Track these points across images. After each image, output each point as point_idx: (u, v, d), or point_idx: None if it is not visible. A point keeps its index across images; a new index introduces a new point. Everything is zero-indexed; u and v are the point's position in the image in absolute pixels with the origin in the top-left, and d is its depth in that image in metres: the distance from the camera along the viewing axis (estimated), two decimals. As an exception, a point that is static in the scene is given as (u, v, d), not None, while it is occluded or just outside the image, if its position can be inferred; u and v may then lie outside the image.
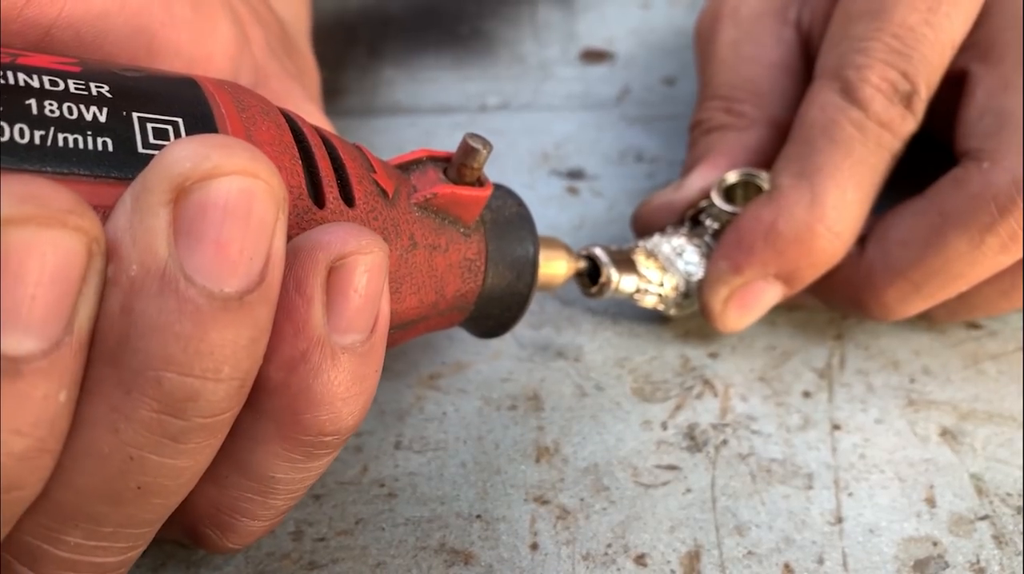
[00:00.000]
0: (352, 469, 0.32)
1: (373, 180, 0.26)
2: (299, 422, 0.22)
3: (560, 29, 0.54)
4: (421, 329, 0.29)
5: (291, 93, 0.32)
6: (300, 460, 0.23)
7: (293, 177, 0.23)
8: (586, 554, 0.30)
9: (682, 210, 0.36)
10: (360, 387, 0.23)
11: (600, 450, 0.33)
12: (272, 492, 0.24)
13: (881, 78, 0.32)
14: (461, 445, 0.33)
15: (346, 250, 0.21)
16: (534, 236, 0.31)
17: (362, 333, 0.22)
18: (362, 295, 0.22)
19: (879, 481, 0.32)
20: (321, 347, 0.22)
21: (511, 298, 0.31)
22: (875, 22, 0.32)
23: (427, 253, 0.28)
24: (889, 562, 0.30)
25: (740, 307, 0.34)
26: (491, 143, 0.28)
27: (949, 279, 0.32)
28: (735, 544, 0.30)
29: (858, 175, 0.32)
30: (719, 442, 0.33)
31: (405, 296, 0.27)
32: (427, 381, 0.35)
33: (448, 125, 0.47)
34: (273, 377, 0.22)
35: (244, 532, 0.25)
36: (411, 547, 0.30)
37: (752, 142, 0.36)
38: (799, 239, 0.32)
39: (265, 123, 0.24)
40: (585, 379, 0.35)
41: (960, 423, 0.34)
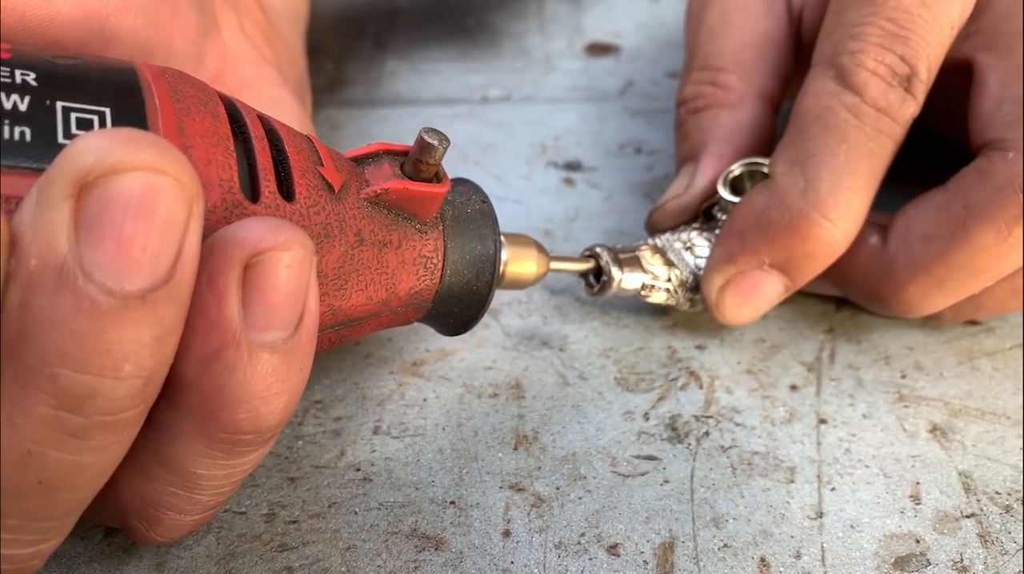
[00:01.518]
0: (329, 453, 0.32)
1: (318, 173, 0.26)
2: (216, 419, 0.22)
3: (567, 22, 0.53)
4: (373, 326, 0.29)
5: (264, 79, 0.32)
6: (221, 457, 0.23)
7: (224, 170, 0.23)
8: (558, 542, 0.29)
9: (696, 208, 0.36)
10: (282, 386, 0.22)
11: (579, 439, 0.32)
12: (196, 487, 0.24)
13: (877, 62, 0.31)
14: (440, 431, 0.33)
15: (262, 246, 0.21)
16: (495, 234, 0.30)
17: (284, 331, 0.22)
18: (282, 292, 0.21)
19: (863, 476, 0.31)
20: (236, 344, 0.21)
21: (470, 297, 0.30)
22: (869, 6, 0.31)
23: (377, 250, 0.27)
24: (869, 558, 0.29)
25: (737, 297, 0.33)
26: (448, 138, 0.27)
27: (974, 274, 0.31)
28: (711, 536, 0.29)
29: (855, 161, 0.31)
30: (701, 434, 0.32)
31: (351, 293, 0.26)
32: (410, 368, 0.35)
33: (448, 116, 0.47)
34: (188, 373, 0.21)
35: (171, 526, 0.25)
36: (382, 532, 0.30)
37: (747, 120, 0.35)
38: (792, 227, 0.31)
39: (200, 114, 0.23)
40: (569, 369, 0.35)
41: (951, 420, 0.33)
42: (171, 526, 0.25)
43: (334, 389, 0.34)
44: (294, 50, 0.37)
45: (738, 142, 0.35)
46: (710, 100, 0.36)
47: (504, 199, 0.42)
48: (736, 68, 0.36)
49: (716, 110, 0.36)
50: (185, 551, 0.29)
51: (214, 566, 0.29)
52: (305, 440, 0.32)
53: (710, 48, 0.37)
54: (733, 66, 0.36)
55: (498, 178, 0.43)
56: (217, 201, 0.23)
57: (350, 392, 0.34)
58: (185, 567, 0.29)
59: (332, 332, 0.27)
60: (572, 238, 0.40)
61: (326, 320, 0.26)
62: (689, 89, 0.37)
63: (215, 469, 0.23)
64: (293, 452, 0.32)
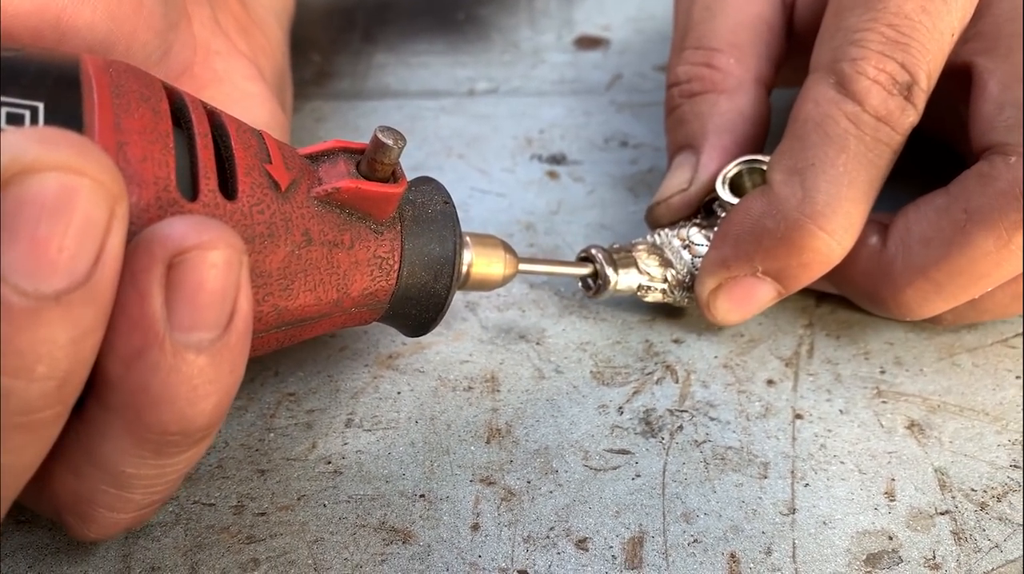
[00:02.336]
0: (300, 445, 0.32)
1: (265, 171, 0.25)
2: (141, 420, 0.21)
3: (557, 16, 0.53)
4: (325, 326, 0.28)
5: (236, 73, 0.32)
6: (150, 457, 0.23)
7: (160, 168, 0.22)
8: (527, 536, 0.29)
9: (699, 203, 0.35)
10: (212, 386, 0.22)
11: (552, 433, 0.32)
12: (127, 486, 0.24)
13: (878, 69, 0.30)
14: (413, 425, 0.32)
15: (186, 244, 0.20)
16: (456, 236, 0.29)
17: (211, 332, 0.21)
18: (208, 292, 0.21)
19: (838, 472, 0.31)
20: (160, 344, 0.21)
21: (428, 299, 0.29)
22: (870, 12, 0.31)
23: (326, 250, 0.26)
24: (840, 555, 0.29)
25: (729, 301, 0.33)
26: (404, 138, 0.27)
27: (973, 279, 0.30)
28: (681, 531, 0.29)
29: (854, 171, 0.30)
30: (675, 428, 0.32)
31: (298, 293, 0.26)
32: (385, 361, 0.35)
33: (435, 109, 0.47)
34: (113, 372, 0.21)
35: (105, 523, 0.25)
36: (351, 524, 0.29)
37: (746, 108, 0.35)
38: (788, 238, 0.31)
39: (140, 110, 0.23)
40: (545, 362, 0.34)
41: (929, 416, 0.32)
42: (105, 524, 0.25)
43: (308, 381, 0.34)
44: (274, 43, 0.37)
45: (739, 132, 0.35)
46: (707, 84, 0.35)
47: (487, 192, 0.42)
48: (732, 50, 0.35)
49: (714, 96, 0.35)
50: (152, 542, 0.29)
51: (181, 557, 0.29)
52: (277, 432, 0.32)
53: (705, 27, 0.36)
54: (729, 48, 0.35)
55: (482, 171, 0.43)
56: (151, 199, 0.22)
57: (324, 385, 0.34)
58: (152, 558, 0.29)
59: (279, 332, 0.27)
60: (554, 231, 0.40)
61: (271, 320, 0.26)
62: (683, 69, 0.36)
63: (145, 469, 0.23)
64: (264, 444, 0.32)
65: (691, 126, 0.35)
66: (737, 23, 0.36)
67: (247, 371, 0.33)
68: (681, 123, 0.36)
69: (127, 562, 0.28)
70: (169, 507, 0.30)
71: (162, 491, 0.25)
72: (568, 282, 0.37)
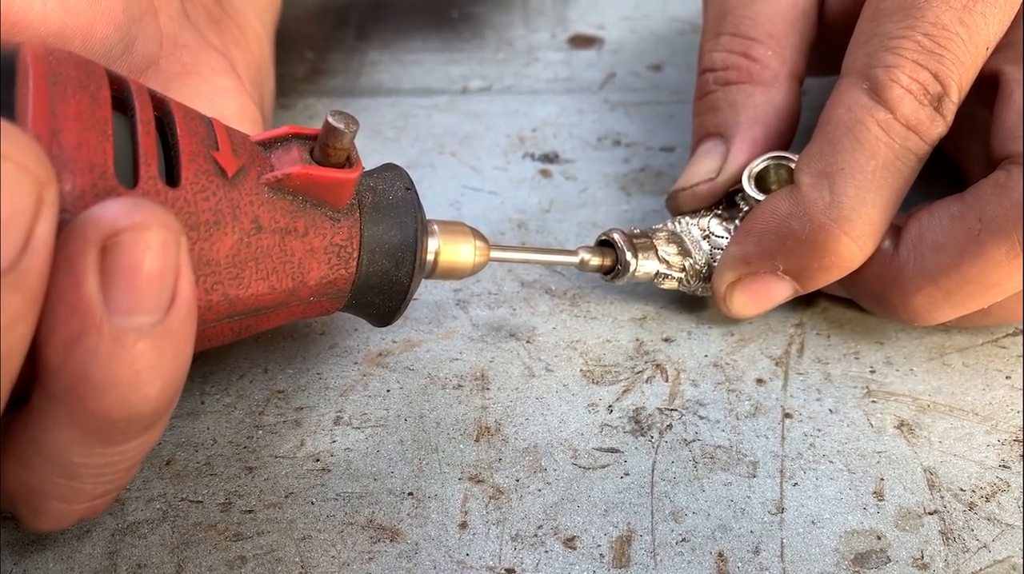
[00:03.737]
0: (288, 443, 0.32)
1: (211, 158, 0.25)
2: (84, 406, 0.21)
3: (552, 15, 0.53)
4: (283, 316, 0.28)
5: (204, 66, 0.31)
6: (97, 445, 0.22)
7: (97, 155, 0.22)
8: (515, 535, 0.29)
9: (723, 193, 0.35)
10: (155, 371, 0.21)
11: (542, 431, 0.32)
12: (76, 476, 0.23)
13: (911, 78, 0.30)
14: (402, 422, 0.32)
15: (118, 226, 0.20)
16: (417, 222, 0.29)
17: (150, 315, 0.21)
18: (144, 274, 0.21)
19: (827, 472, 0.31)
20: (98, 329, 0.20)
21: (390, 287, 0.29)
22: (907, 19, 0.30)
23: (278, 237, 0.26)
24: (828, 554, 0.29)
25: (746, 295, 0.33)
26: (357, 122, 0.26)
27: (983, 289, 0.30)
28: (669, 530, 0.29)
29: (881, 178, 0.30)
30: (664, 427, 0.32)
31: (250, 282, 0.26)
32: (375, 358, 0.34)
33: (428, 107, 0.46)
34: (52, 359, 0.21)
35: (58, 514, 0.25)
36: (338, 522, 0.29)
37: (780, 102, 0.35)
38: (813, 240, 0.31)
39: (77, 96, 0.22)
40: (535, 360, 0.34)
41: (919, 415, 0.32)
42: (57, 515, 0.25)
43: (297, 379, 0.34)
44: (250, 36, 0.37)
45: (770, 125, 0.35)
46: (743, 74, 0.35)
47: (479, 190, 0.42)
48: (770, 41, 0.35)
49: (750, 87, 0.35)
50: (139, 540, 0.29)
51: (168, 554, 0.28)
52: (265, 430, 0.32)
53: (742, 13, 0.35)
54: (767, 38, 0.35)
55: (474, 169, 0.43)
56: (87, 186, 0.22)
57: (313, 382, 0.34)
58: (139, 555, 0.28)
59: (234, 322, 0.26)
60: (545, 229, 0.40)
61: (222, 310, 0.26)
62: (719, 56, 0.36)
63: (93, 458, 0.23)
64: (253, 442, 0.32)
65: (724, 114, 0.35)
66: (775, 12, 0.35)
67: (236, 367, 0.34)
68: (713, 110, 0.36)
69: (113, 559, 0.28)
70: (156, 504, 0.30)
71: (115, 480, 0.24)
72: (560, 280, 0.37)
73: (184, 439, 0.32)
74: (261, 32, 0.38)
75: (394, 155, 0.43)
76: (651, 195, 0.41)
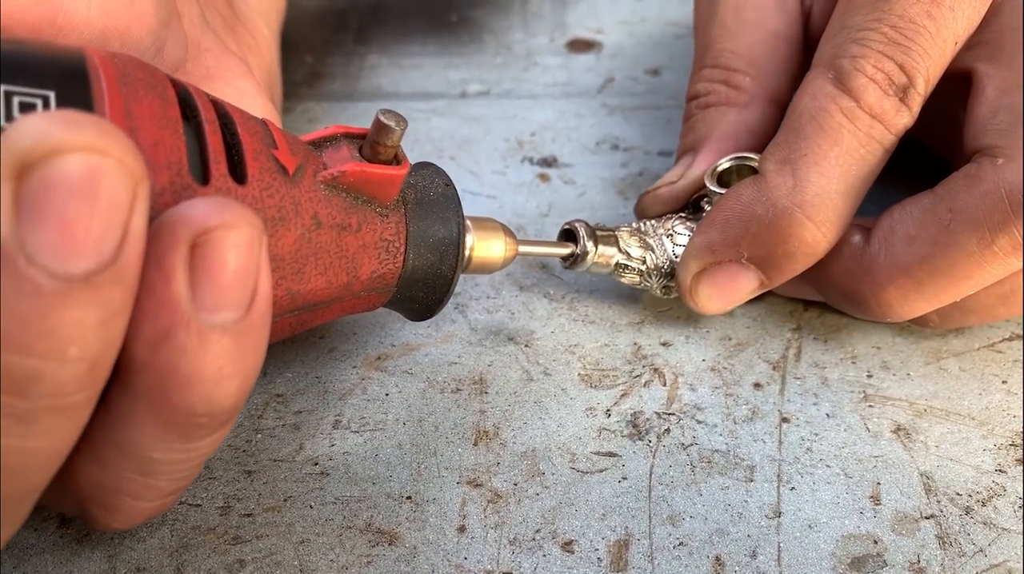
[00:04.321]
0: (288, 446, 0.32)
1: (272, 157, 0.25)
2: (169, 402, 0.22)
3: (550, 19, 0.53)
4: (336, 311, 0.28)
5: (227, 70, 0.32)
6: (177, 441, 0.23)
7: (173, 153, 0.23)
8: (513, 538, 0.29)
9: (686, 198, 0.36)
10: (236, 367, 0.22)
11: (540, 435, 0.32)
12: (153, 473, 0.24)
13: (876, 68, 0.30)
14: (400, 426, 0.32)
15: (209, 224, 0.21)
16: (459, 217, 0.30)
17: (235, 311, 0.21)
18: (231, 271, 0.21)
19: (824, 476, 0.31)
20: (187, 325, 0.21)
21: (435, 280, 0.30)
22: (874, 12, 0.31)
23: (335, 233, 0.27)
24: (825, 558, 0.29)
25: (711, 286, 0.33)
26: (405, 120, 0.27)
27: (955, 280, 0.30)
28: (667, 534, 0.29)
29: (845, 165, 0.31)
30: (662, 431, 0.32)
31: (310, 277, 0.26)
32: (374, 362, 0.35)
33: (426, 111, 0.47)
34: (139, 355, 0.21)
35: (129, 512, 0.25)
36: (337, 526, 0.30)
37: (754, 122, 0.35)
38: (776, 224, 0.31)
39: (149, 97, 0.23)
40: (533, 364, 0.35)
41: (915, 420, 0.32)
42: (130, 513, 0.25)
43: (296, 382, 0.34)
44: (261, 42, 0.37)
45: (741, 140, 0.35)
46: (722, 98, 0.36)
47: (478, 194, 0.42)
48: (750, 69, 0.36)
49: (726, 108, 0.36)
50: (138, 543, 0.29)
51: (167, 558, 0.29)
52: (264, 433, 0.32)
53: (723, 45, 0.36)
54: (747, 67, 0.36)
55: (473, 173, 0.43)
56: (166, 183, 0.22)
57: (312, 386, 0.34)
58: (138, 558, 0.29)
59: (292, 317, 0.27)
60: (544, 233, 0.40)
61: (284, 305, 0.26)
62: (702, 86, 0.37)
63: (171, 453, 0.23)
64: (252, 445, 0.32)
65: (698, 131, 0.36)
66: (754, 41, 0.36)
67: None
68: (691, 130, 0.37)
69: (112, 563, 0.28)
70: (155, 508, 0.30)
71: (186, 477, 0.25)
72: (558, 284, 0.37)
73: (183, 443, 0.32)
74: (269, 37, 0.38)
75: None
76: (649, 199, 0.41)
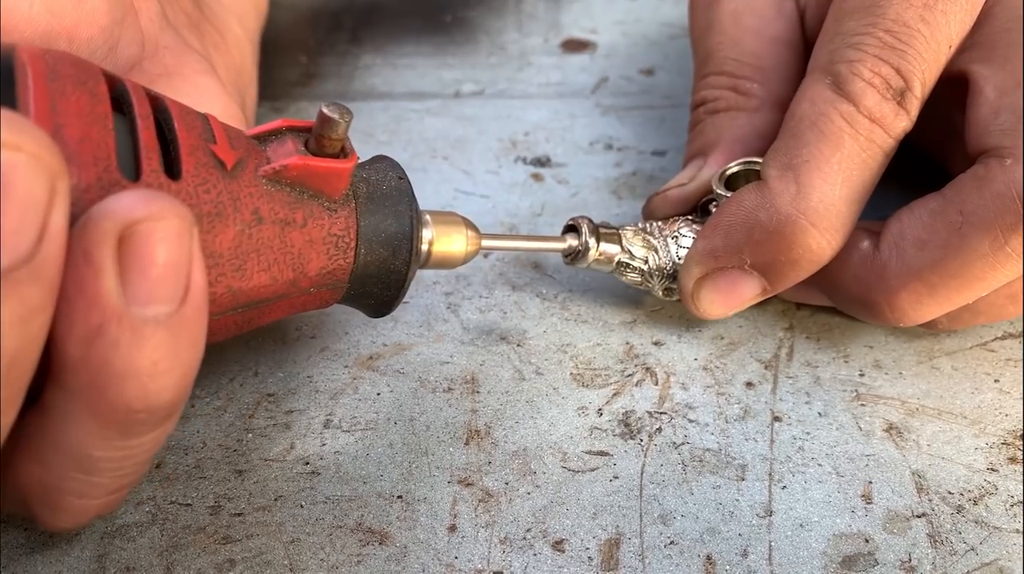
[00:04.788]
0: (278, 446, 0.32)
1: (210, 151, 0.25)
2: (105, 399, 0.21)
3: (544, 19, 0.53)
4: (285, 308, 0.28)
5: (186, 67, 0.32)
6: (116, 438, 0.23)
7: (100, 149, 0.22)
8: (504, 538, 0.29)
9: (695, 201, 0.36)
10: (172, 361, 0.22)
11: (531, 434, 0.32)
12: (96, 471, 0.23)
13: (873, 72, 0.30)
14: (391, 426, 0.32)
15: (134, 217, 0.20)
16: (413, 211, 0.29)
17: (168, 304, 0.21)
18: (160, 264, 0.21)
19: (815, 475, 0.31)
20: (118, 320, 0.21)
21: (388, 276, 0.29)
22: (868, 17, 0.31)
23: (279, 228, 0.26)
24: (816, 557, 0.29)
25: (713, 291, 0.33)
26: (350, 112, 0.27)
27: (968, 282, 0.30)
28: (658, 533, 0.29)
29: (847, 170, 0.30)
30: (653, 430, 0.32)
31: (252, 273, 0.26)
32: (365, 361, 0.35)
33: (420, 111, 0.47)
34: (72, 352, 0.21)
35: (75, 511, 0.25)
36: (327, 525, 0.29)
37: (764, 126, 0.35)
38: (779, 231, 0.31)
39: (77, 93, 0.23)
40: (525, 364, 0.34)
41: (907, 419, 0.32)
42: (75, 511, 0.25)
43: (287, 382, 0.34)
44: (231, 40, 0.37)
45: (751, 144, 0.35)
46: (731, 103, 0.36)
47: (471, 194, 0.42)
48: (756, 75, 0.36)
49: (735, 112, 0.36)
50: (128, 543, 0.29)
51: (156, 558, 0.29)
52: (255, 433, 0.32)
53: (726, 53, 0.37)
54: (754, 73, 0.36)
55: (466, 173, 0.43)
56: (92, 179, 0.22)
57: (303, 385, 0.34)
58: (127, 558, 0.28)
59: (236, 314, 0.27)
60: (537, 233, 0.40)
61: (226, 302, 0.26)
62: (708, 92, 0.37)
63: (112, 450, 0.23)
64: (242, 445, 0.32)
65: (708, 135, 0.36)
66: (757, 48, 0.36)
67: (225, 370, 0.34)
68: (700, 134, 0.37)
69: (102, 562, 0.28)
70: (145, 507, 0.30)
71: (131, 474, 0.25)
72: (551, 283, 0.37)
73: (174, 442, 0.32)
74: (243, 37, 0.38)
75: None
76: (642, 199, 0.41)
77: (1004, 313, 0.33)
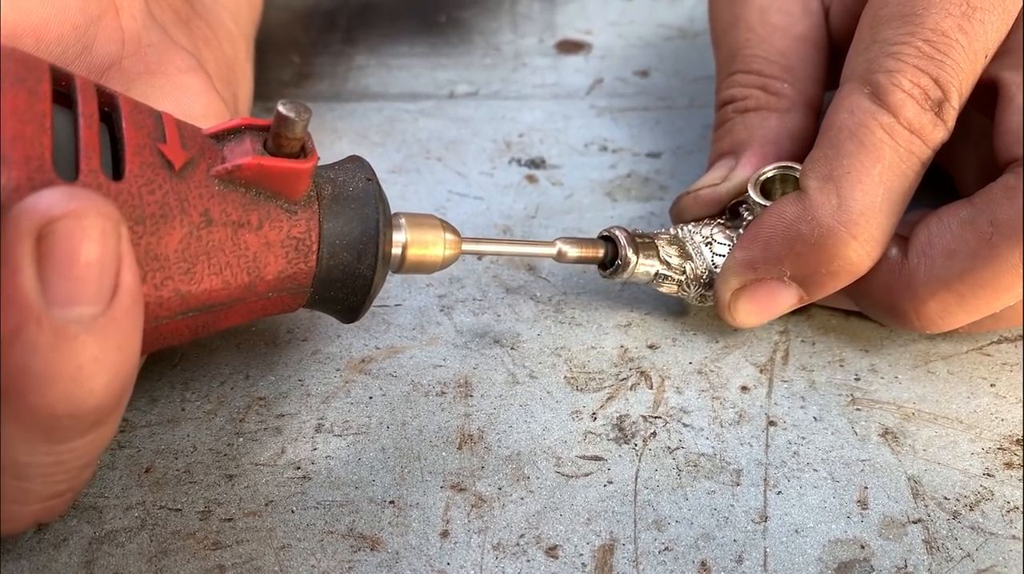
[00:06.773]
0: (269, 450, 0.31)
1: (158, 151, 0.25)
2: (26, 402, 0.21)
3: (539, 20, 0.53)
4: (243, 313, 0.27)
5: (170, 65, 0.31)
6: (42, 442, 0.22)
7: (33, 147, 0.22)
8: (497, 544, 0.29)
9: (729, 202, 0.35)
10: (99, 365, 0.21)
11: (525, 439, 0.32)
12: (24, 476, 0.23)
13: (913, 83, 0.30)
14: (384, 430, 0.32)
15: (53, 214, 0.20)
16: (380, 214, 0.28)
17: (92, 305, 0.21)
18: (82, 263, 0.20)
19: (811, 480, 0.31)
20: (37, 321, 0.20)
21: (354, 281, 0.28)
22: (907, 26, 0.30)
23: (231, 231, 0.26)
24: (811, 564, 0.28)
25: (751, 302, 0.33)
26: (309, 110, 0.26)
27: (997, 293, 0.30)
28: (652, 539, 0.29)
29: (887, 182, 0.30)
30: (648, 434, 0.32)
31: (203, 277, 0.25)
32: (358, 365, 0.34)
33: (414, 112, 0.46)
34: None
35: (10, 517, 0.24)
36: (318, 531, 0.29)
37: (795, 127, 0.35)
38: (821, 244, 0.31)
39: (13, 91, 0.22)
40: (519, 367, 0.34)
41: (903, 423, 0.32)
42: (11, 518, 0.24)
43: (278, 386, 0.33)
44: (223, 36, 0.36)
45: (783, 145, 0.35)
46: (761, 103, 0.36)
47: (465, 195, 0.42)
48: (786, 75, 0.36)
49: (767, 112, 0.36)
50: (117, 548, 0.29)
51: (145, 563, 0.28)
52: (246, 437, 0.32)
53: (753, 51, 0.36)
54: (783, 73, 0.36)
55: (460, 174, 0.43)
56: (23, 179, 0.22)
57: (294, 389, 0.33)
58: (116, 564, 0.28)
59: (188, 319, 0.26)
60: (531, 235, 0.39)
61: (174, 306, 0.25)
62: (736, 91, 0.36)
63: (39, 456, 0.22)
64: (233, 449, 0.31)
65: (739, 135, 0.36)
66: (785, 46, 0.36)
67: (216, 373, 0.33)
68: (729, 133, 0.36)
69: (90, 568, 0.28)
70: (134, 512, 0.29)
71: (67, 481, 0.24)
72: (544, 287, 0.37)
73: (164, 446, 0.31)
74: (235, 32, 0.38)
75: (380, 160, 0.43)
76: (637, 201, 0.41)
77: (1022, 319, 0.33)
